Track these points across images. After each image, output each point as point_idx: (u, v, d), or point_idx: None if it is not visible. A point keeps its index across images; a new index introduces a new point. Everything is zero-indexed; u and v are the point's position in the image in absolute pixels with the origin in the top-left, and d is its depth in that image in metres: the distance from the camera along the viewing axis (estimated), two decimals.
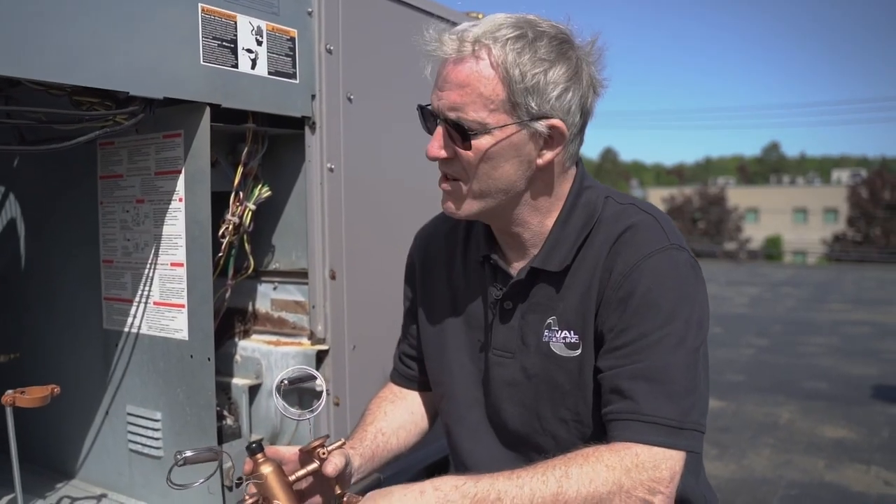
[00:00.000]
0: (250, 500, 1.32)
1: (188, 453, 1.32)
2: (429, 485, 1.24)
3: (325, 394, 1.48)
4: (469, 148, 1.35)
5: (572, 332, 1.41)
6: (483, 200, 1.41)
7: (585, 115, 1.41)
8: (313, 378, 1.52)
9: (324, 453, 1.37)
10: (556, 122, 1.35)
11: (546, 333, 1.44)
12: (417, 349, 1.73)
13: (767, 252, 41.84)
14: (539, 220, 1.46)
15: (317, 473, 1.38)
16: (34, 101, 1.51)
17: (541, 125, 1.35)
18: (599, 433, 1.36)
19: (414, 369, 1.75)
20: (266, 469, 1.33)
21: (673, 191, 49.00)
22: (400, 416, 1.70)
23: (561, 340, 1.42)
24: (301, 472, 1.37)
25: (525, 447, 1.51)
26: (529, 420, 1.49)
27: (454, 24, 1.43)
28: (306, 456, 1.40)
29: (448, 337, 1.62)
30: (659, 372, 1.29)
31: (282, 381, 1.49)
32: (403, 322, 1.78)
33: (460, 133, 1.35)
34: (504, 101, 1.32)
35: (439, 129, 1.38)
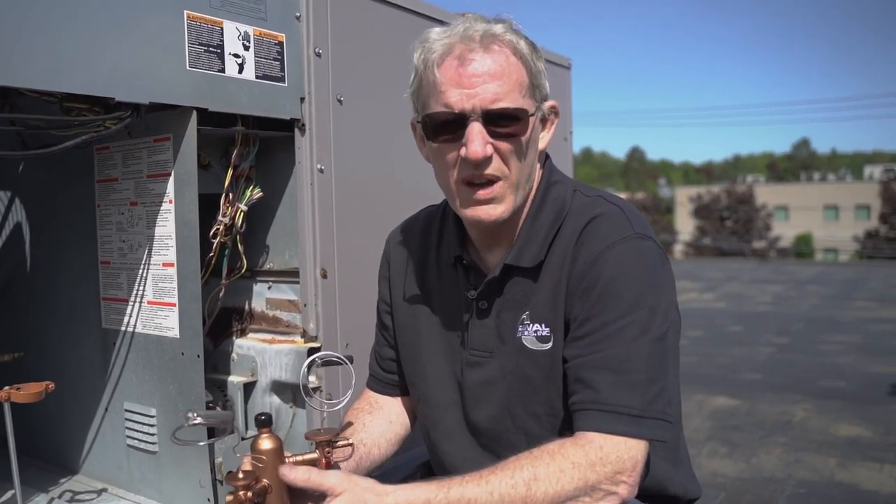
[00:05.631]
0: (242, 482, 1.22)
1: (199, 420, 1.31)
2: (402, 495, 1.22)
3: (352, 385, 1.46)
4: (517, 135, 1.38)
5: (543, 325, 1.43)
6: (517, 195, 1.43)
7: None
8: (340, 363, 1.50)
9: (328, 452, 1.33)
10: (553, 102, 1.48)
11: (520, 329, 1.46)
12: (397, 352, 1.72)
13: (798, 250, 41.30)
14: (518, 213, 1.48)
15: (313, 464, 1.32)
16: (37, 109, 1.56)
17: (546, 106, 1.47)
18: (572, 424, 1.36)
19: (394, 372, 1.74)
20: (267, 444, 1.27)
21: (700, 189, 48.66)
22: (379, 426, 1.67)
23: (532, 334, 1.44)
24: (300, 458, 1.32)
25: (498, 446, 1.51)
26: (501, 419, 1.50)
27: (444, 23, 1.47)
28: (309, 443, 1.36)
29: (423, 340, 1.63)
30: (621, 361, 1.31)
31: (309, 365, 1.47)
32: (378, 326, 1.78)
33: (504, 125, 1.36)
34: (529, 86, 1.40)
35: (475, 128, 1.34)
